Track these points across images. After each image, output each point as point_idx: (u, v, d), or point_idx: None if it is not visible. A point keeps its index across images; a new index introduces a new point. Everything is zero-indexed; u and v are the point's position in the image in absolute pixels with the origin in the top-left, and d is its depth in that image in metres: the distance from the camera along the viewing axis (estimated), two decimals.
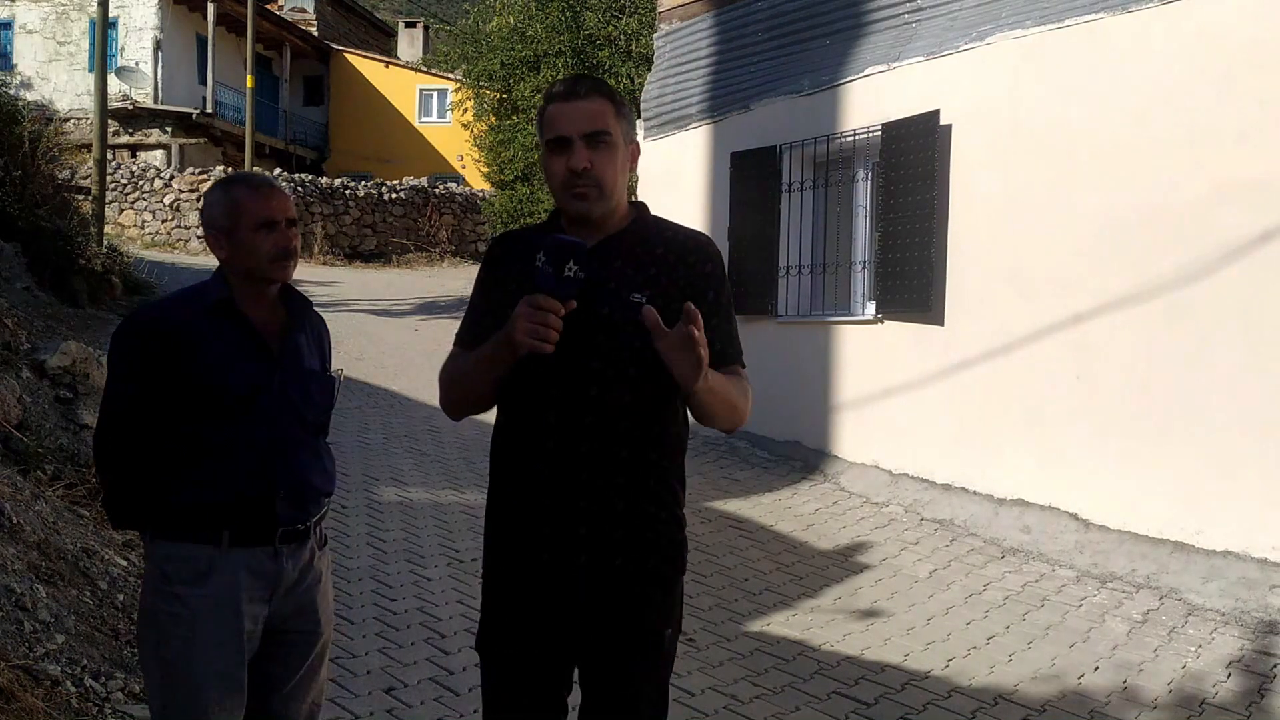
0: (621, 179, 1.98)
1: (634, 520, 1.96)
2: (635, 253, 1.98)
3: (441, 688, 3.81)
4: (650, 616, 1.98)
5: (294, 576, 2.27)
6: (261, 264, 2.22)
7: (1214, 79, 5.04)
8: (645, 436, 1.96)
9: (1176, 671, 4.19)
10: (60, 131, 12.24)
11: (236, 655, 2.17)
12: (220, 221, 2.23)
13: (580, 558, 1.94)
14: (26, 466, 4.77)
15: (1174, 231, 5.16)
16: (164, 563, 2.19)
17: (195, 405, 2.17)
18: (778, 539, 5.81)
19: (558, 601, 1.97)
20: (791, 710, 3.80)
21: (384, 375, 10.52)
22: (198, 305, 2.24)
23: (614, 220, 2.00)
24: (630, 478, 1.94)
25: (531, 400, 1.96)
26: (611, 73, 14.15)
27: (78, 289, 8.86)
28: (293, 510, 2.26)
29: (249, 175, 2.39)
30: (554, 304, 1.79)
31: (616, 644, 1.98)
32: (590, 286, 1.85)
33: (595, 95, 1.96)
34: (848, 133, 6.99)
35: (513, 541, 2.01)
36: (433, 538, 5.56)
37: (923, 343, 6.46)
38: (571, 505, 1.94)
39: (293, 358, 2.30)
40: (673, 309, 1.81)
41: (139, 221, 20.48)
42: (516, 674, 2.02)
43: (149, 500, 2.20)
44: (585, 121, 1.92)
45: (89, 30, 23.23)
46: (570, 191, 1.94)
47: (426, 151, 29.80)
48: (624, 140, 1.98)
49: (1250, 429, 4.85)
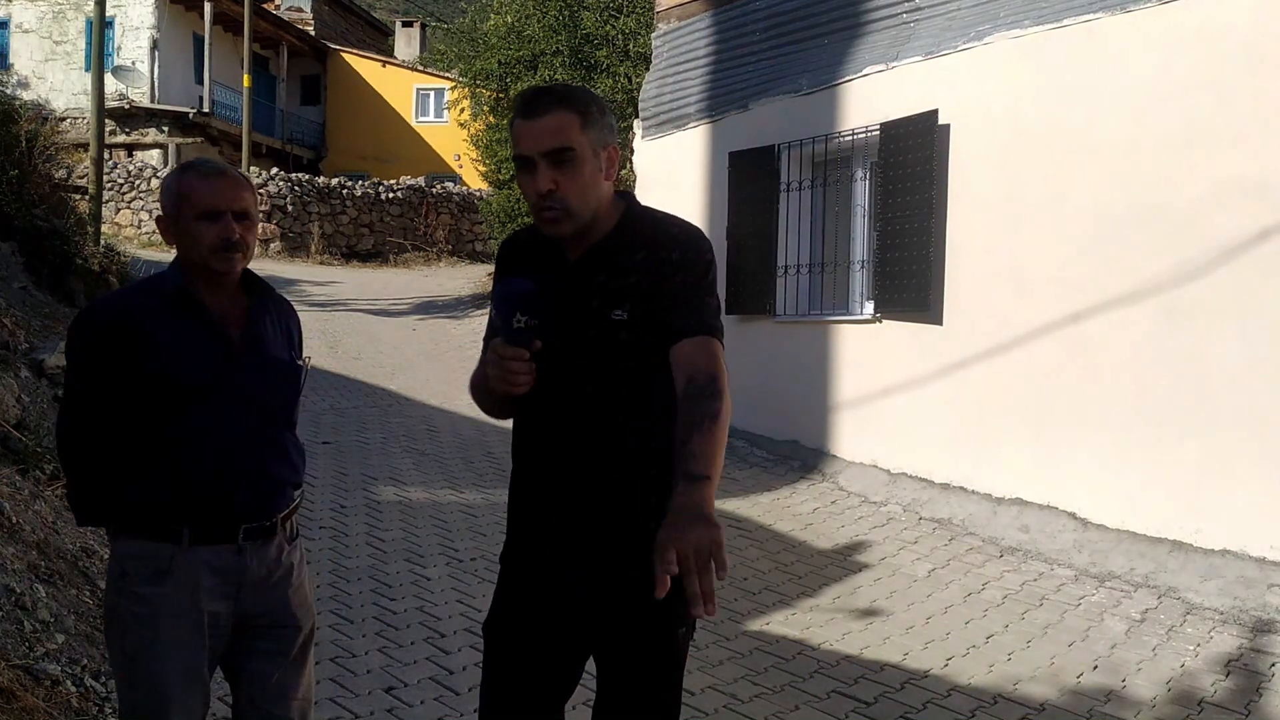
0: (593, 190, 1.92)
1: (638, 513, 1.93)
2: (618, 261, 1.95)
3: (441, 687, 3.81)
4: (662, 615, 1.92)
5: (260, 573, 2.21)
6: (202, 254, 2.14)
7: (1212, 79, 5.05)
8: (645, 451, 1.95)
9: (1175, 670, 4.20)
10: (57, 131, 12.19)
11: (198, 653, 2.13)
12: (168, 208, 2.18)
13: (583, 553, 1.97)
14: (25, 466, 4.76)
15: (1172, 231, 5.17)
16: (124, 560, 2.15)
17: (150, 398, 2.11)
18: (776, 538, 5.82)
19: (560, 597, 1.99)
20: (791, 709, 3.80)
21: (382, 375, 10.52)
22: (153, 295, 2.17)
23: (597, 227, 1.96)
24: (630, 497, 1.93)
25: (537, 419, 2.00)
26: (609, 72, 14.14)
27: (75, 288, 8.84)
28: (254, 505, 2.19)
29: (204, 162, 2.28)
30: (516, 352, 1.82)
31: (630, 641, 1.99)
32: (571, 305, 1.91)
33: (556, 109, 1.88)
34: (846, 132, 7.00)
35: (523, 537, 2.05)
36: (432, 537, 5.56)
37: (921, 342, 6.46)
38: (576, 505, 1.96)
39: (255, 346, 2.23)
40: (652, 313, 1.88)
41: (136, 221, 20.48)
42: (515, 663, 2.04)
43: (110, 497, 2.16)
44: (547, 138, 1.87)
45: (86, 29, 23.21)
46: (540, 213, 1.92)
47: (423, 151, 29.78)
48: (593, 149, 1.91)
49: (1248, 428, 4.86)
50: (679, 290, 1.92)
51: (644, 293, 1.92)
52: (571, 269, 1.97)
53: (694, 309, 1.91)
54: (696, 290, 1.94)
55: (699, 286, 1.94)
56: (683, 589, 1.75)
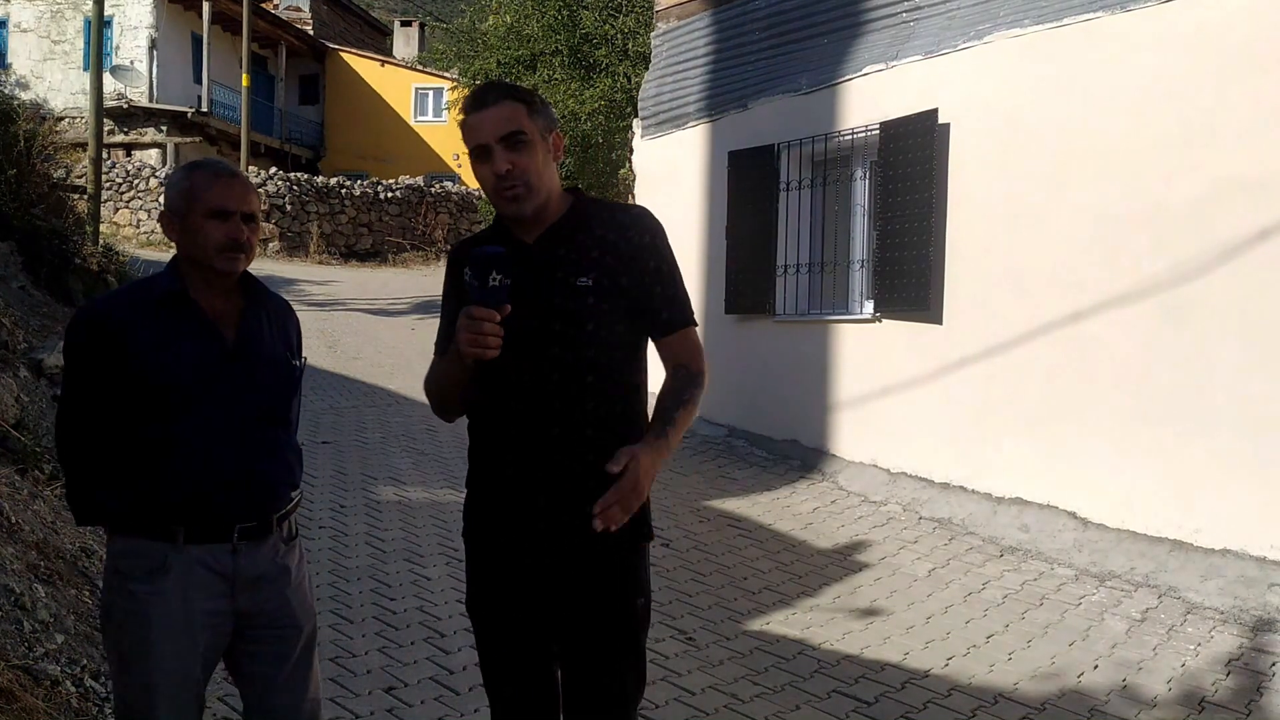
0: (546, 172, 2.08)
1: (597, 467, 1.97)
2: (576, 238, 2.09)
3: (442, 687, 3.80)
4: (617, 587, 2.10)
5: (256, 573, 2.21)
6: (208, 253, 2.15)
7: (1212, 78, 5.05)
8: (610, 413, 2.08)
9: (1175, 670, 4.20)
10: (55, 130, 12.17)
11: (190, 653, 2.13)
12: (175, 204, 2.18)
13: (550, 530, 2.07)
14: (24, 466, 4.76)
15: (1172, 230, 5.16)
16: (119, 559, 2.16)
17: (144, 398, 2.12)
18: (776, 538, 5.81)
19: (530, 574, 2.10)
20: (791, 709, 3.80)
21: (381, 374, 10.51)
22: (148, 296, 2.18)
23: (551, 211, 2.11)
24: (599, 455, 1.97)
25: (499, 389, 2.09)
26: (608, 72, 14.15)
27: (74, 288, 8.83)
28: (245, 505, 2.19)
29: (213, 161, 2.30)
30: (488, 313, 1.91)
31: (589, 616, 2.10)
32: (535, 277, 2.03)
33: (505, 100, 2.05)
34: (845, 131, 6.99)
35: (489, 518, 2.16)
36: (431, 537, 5.55)
37: (921, 341, 6.46)
38: (538, 485, 2.07)
39: (250, 347, 2.23)
40: (618, 284, 2.06)
41: (134, 220, 20.46)
42: (501, 636, 2.17)
43: (107, 496, 2.17)
44: (500, 125, 2.03)
45: (84, 29, 23.18)
46: (501, 195, 2.05)
47: (422, 150, 29.77)
48: (541, 135, 2.07)
49: (1248, 427, 4.85)
50: (658, 279, 2.11)
51: (605, 265, 2.07)
52: (532, 248, 2.10)
53: (676, 300, 2.14)
54: (673, 277, 2.14)
55: (673, 272, 2.15)
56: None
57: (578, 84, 14.26)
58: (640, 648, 2.17)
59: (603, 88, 14.05)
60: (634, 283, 2.08)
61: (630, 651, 2.14)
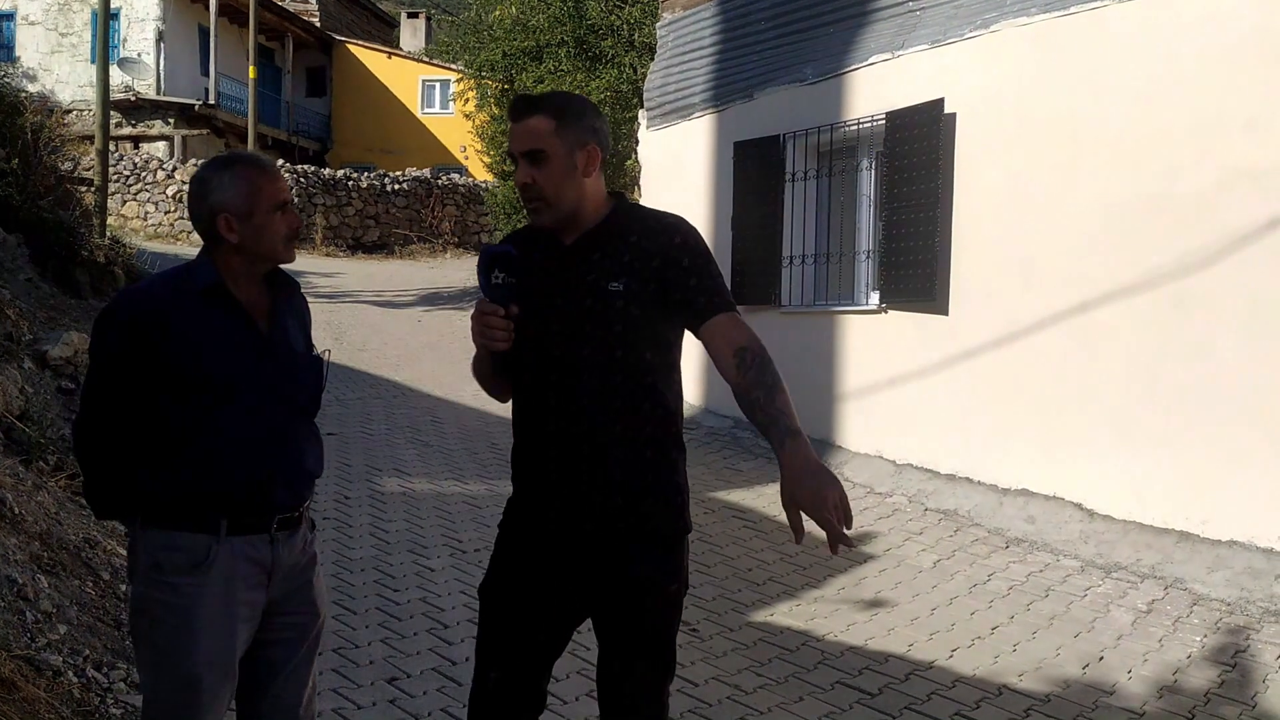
0: (569, 184, 2.13)
1: (632, 489, 2.12)
2: (611, 244, 2.15)
3: (444, 678, 3.80)
4: (654, 573, 2.15)
5: (290, 562, 2.25)
6: (276, 246, 2.21)
7: (1221, 66, 5.00)
8: (638, 412, 2.13)
9: (1181, 661, 4.18)
10: (62, 123, 12.19)
11: (230, 643, 2.15)
12: (236, 204, 2.16)
13: (586, 525, 2.12)
14: (29, 457, 4.77)
15: (1180, 220, 5.13)
16: (157, 552, 2.14)
17: (186, 392, 2.12)
18: (781, 529, 5.80)
19: (559, 561, 2.15)
20: (795, 700, 3.79)
21: (387, 366, 10.52)
22: (186, 289, 2.18)
23: (587, 216, 2.17)
24: (627, 450, 2.11)
25: (535, 386, 2.18)
26: (614, 63, 14.11)
27: (80, 280, 8.84)
28: (289, 496, 2.24)
29: (252, 156, 2.33)
30: (492, 308, 2.06)
31: (625, 598, 2.15)
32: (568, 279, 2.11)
33: (533, 114, 2.13)
34: (851, 122, 6.96)
35: (525, 510, 2.21)
36: (435, 528, 5.55)
37: (927, 332, 6.44)
38: (575, 478, 2.13)
39: (281, 339, 2.27)
40: (650, 289, 2.10)
41: (142, 213, 20.49)
42: (508, 624, 2.19)
43: (133, 490, 2.16)
44: (524, 140, 2.13)
45: (91, 21, 23.17)
46: (525, 204, 2.18)
47: (429, 142, 29.77)
48: (568, 149, 2.12)
49: (1256, 418, 4.82)
50: (691, 271, 2.12)
51: (638, 271, 2.12)
52: (568, 250, 2.18)
53: (712, 289, 2.13)
54: (707, 270, 2.14)
55: (708, 265, 2.15)
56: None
57: (583, 75, 14.23)
58: (671, 634, 2.23)
59: (609, 79, 14.01)
60: (667, 284, 2.11)
61: (661, 633, 2.20)
